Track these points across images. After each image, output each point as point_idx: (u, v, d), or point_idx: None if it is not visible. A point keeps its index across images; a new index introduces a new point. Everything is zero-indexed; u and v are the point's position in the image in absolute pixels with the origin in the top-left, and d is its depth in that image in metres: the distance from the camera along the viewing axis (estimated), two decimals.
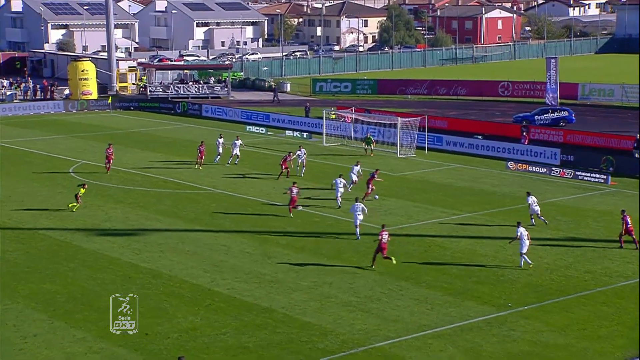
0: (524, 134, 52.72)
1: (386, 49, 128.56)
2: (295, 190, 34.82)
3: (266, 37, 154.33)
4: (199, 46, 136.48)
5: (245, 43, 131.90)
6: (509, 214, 35.85)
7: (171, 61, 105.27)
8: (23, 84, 77.30)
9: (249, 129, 59.51)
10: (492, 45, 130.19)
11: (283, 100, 78.52)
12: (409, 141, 50.52)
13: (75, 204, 35.38)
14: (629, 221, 30.21)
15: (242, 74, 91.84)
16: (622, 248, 30.24)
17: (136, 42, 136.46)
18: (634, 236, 30.21)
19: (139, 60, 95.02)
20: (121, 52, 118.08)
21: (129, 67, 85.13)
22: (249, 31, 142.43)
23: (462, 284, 26.86)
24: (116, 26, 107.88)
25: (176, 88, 77.48)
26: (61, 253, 29.87)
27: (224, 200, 37.95)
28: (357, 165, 39.93)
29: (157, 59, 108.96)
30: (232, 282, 26.90)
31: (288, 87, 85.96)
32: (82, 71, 74.27)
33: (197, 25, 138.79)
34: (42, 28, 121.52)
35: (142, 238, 31.87)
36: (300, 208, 35.26)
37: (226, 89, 78.33)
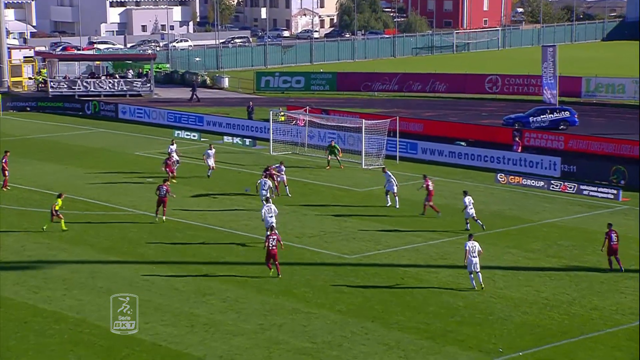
0: (517, 139, 53.54)
1: (347, 35, 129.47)
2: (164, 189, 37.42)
3: (198, 20, 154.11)
4: (113, 31, 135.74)
5: (172, 27, 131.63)
6: (500, 238, 36.31)
7: (78, 50, 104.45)
8: None
9: (178, 133, 59.30)
10: (477, 31, 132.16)
11: (218, 99, 78.47)
12: (376, 149, 50.88)
13: (53, 221, 35.58)
14: (614, 238, 31.28)
15: (168, 66, 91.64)
16: (611, 270, 31.32)
17: (33, 27, 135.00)
18: (617, 257, 31.36)
19: (37, 48, 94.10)
20: (14, 38, 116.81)
21: (25, 57, 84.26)
22: (177, 12, 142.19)
23: (442, 325, 27.08)
24: (7, 5, 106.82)
25: (85, 84, 76.88)
26: None
27: (147, 224, 37.69)
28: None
29: (61, 48, 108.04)
30: (157, 326, 26.71)
31: (226, 82, 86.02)
32: None
33: (111, 5, 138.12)
34: None
35: (42, 272, 31.45)
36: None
37: (148, 85, 78.03)
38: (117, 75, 79.70)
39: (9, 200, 41.21)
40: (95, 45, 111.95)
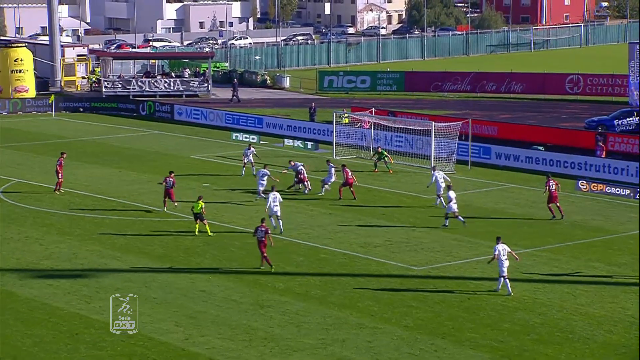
0: (600, 144, 52.79)
1: (416, 32, 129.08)
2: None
3: (258, 16, 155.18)
4: (170, 28, 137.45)
5: (230, 24, 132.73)
6: (582, 250, 35.80)
7: (133, 48, 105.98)
8: None
9: (236, 136, 59.76)
10: (557, 27, 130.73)
11: (279, 99, 78.85)
12: (447, 153, 50.61)
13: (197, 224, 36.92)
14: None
15: (226, 64, 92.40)
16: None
17: (87, 23, 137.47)
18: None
19: (90, 46, 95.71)
20: (67, 35, 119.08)
21: (78, 55, 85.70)
22: (236, 8, 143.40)
23: (518, 343, 26.78)
24: (61, 2, 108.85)
25: (140, 83, 77.95)
26: None
27: (203, 232, 37.98)
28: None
29: (115, 45, 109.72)
30: (213, 339, 26.90)
31: (287, 81, 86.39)
32: (16, 61, 74.81)
33: (168, 1, 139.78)
34: None
35: (94, 281, 31.92)
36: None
37: (206, 85, 78.76)
38: (173, 75, 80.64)
39: (60, 206, 41.93)
40: (150, 43, 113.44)
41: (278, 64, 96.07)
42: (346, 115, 59.43)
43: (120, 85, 77.39)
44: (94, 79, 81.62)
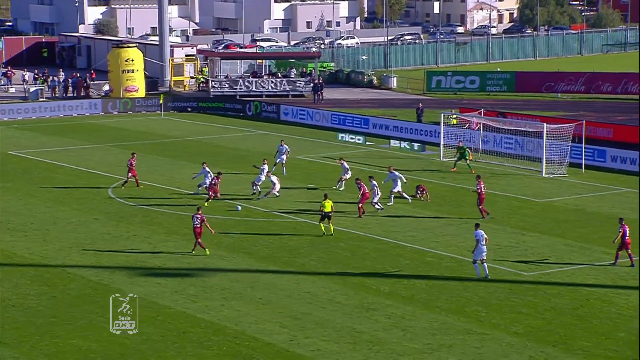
0: None
1: (528, 31, 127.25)
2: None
3: (366, 15, 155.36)
4: (277, 28, 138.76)
5: (338, 24, 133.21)
6: None
7: (241, 48, 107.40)
8: (51, 78, 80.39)
9: (342, 137, 59.95)
10: None
11: (386, 99, 78.75)
12: (559, 156, 49.78)
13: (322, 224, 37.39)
14: (627, 231, 33.26)
15: (333, 64, 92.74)
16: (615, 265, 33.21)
17: (196, 23, 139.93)
18: (629, 251, 33.20)
19: (199, 46, 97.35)
20: (176, 35, 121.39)
21: (187, 55, 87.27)
22: (344, 8, 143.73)
23: (634, 354, 26.15)
24: (170, 2, 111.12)
25: (247, 83, 78.92)
26: (96, 299, 30.72)
27: (308, 232, 38.25)
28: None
29: (223, 45, 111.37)
30: (317, 341, 27.05)
31: (394, 82, 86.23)
32: (127, 61, 76.61)
33: (276, 1, 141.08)
34: (77, 5, 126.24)
35: (201, 281, 32.47)
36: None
37: (312, 85, 79.17)
38: (279, 75, 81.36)
39: (168, 205, 42.77)
40: (258, 43, 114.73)
41: (385, 64, 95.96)
42: (454, 116, 58.94)
43: (227, 85, 78.48)
44: (201, 79, 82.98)
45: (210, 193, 42.32)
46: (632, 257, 33.41)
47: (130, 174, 45.49)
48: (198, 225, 34.71)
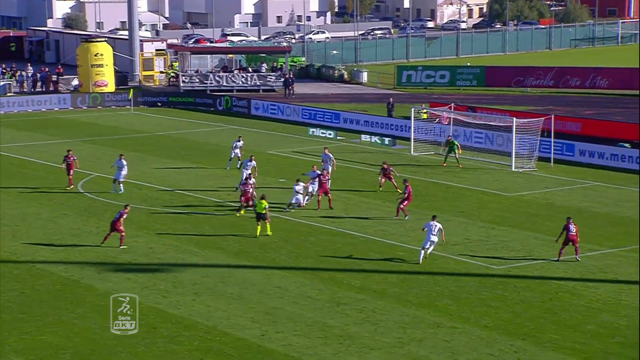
0: None
1: (498, 26, 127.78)
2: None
3: (336, 10, 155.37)
4: (247, 23, 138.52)
5: (308, 18, 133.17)
6: None
7: (211, 43, 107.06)
8: (19, 73, 79.72)
9: (312, 131, 59.95)
10: None
11: (356, 94, 78.81)
12: (528, 150, 50.05)
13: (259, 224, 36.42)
14: (572, 228, 33.46)
15: (304, 59, 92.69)
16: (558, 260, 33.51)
17: (166, 18, 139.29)
18: (576, 244, 33.45)
19: (169, 41, 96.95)
20: (146, 30, 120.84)
21: (157, 50, 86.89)
22: (314, 2, 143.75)
23: (602, 346, 26.36)
24: None
25: (217, 78, 78.71)
26: (66, 295, 30.56)
27: (280, 227, 38.24)
28: (250, 161, 43.50)
29: (193, 40, 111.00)
30: (289, 336, 27.05)
31: (365, 76, 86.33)
32: (96, 55, 76.22)
33: None
34: None
35: (172, 276, 32.36)
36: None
37: (282, 80, 79.06)
38: (250, 69, 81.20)
39: (138, 201, 42.59)
40: (228, 38, 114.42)
41: (356, 59, 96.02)
42: (425, 110, 59.13)
43: (197, 80, 78.24)
44: (172, 73, 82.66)
45: (242, 200, 39.50)
46: (577, 251, 33.46)
47: (66, 167, 44.29)
48: (117, 219, 34.94)
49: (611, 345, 26.34)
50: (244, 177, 41.51)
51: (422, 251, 33.30)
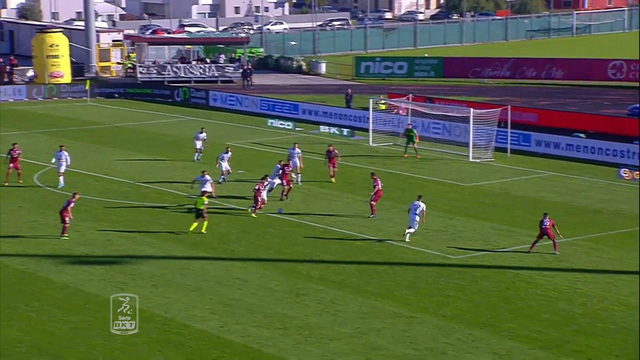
0: None
1: (455, 17, 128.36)
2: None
3: (294, 1, 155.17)
4: (205, 14, 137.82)
5: (266, 9, 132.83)
6: (624, 239, 35.49)
7: (169, 33, 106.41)
8: None
9: (271, 122, 59.87)
10: (600, 12, 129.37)
11: (315, 85, 78.82)
12: (485, 140, 50.38)
13: (195, 225, 35.68)
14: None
15: (262, 50, 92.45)
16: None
17: (122, 8, 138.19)
18: (553, 238, 33.37)
19: (126, 32, 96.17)
20: (102, 20, 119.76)
21: (113, 41, 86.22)
22: None
23: (558, 334, 26.65)
24: None
25: (175, 69, 78.28)
26: (22, 288, 30.27)
27: (239, 219, 38.16)
28: (226, 153, 43.54)
29: (151, 31, 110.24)
30: (248, 327, 27.04)
31: (323, 67, 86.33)
32: (51, 46, 75.44)
33: None
34: None
35: (130, 268, 32.17)
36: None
37: (241, 71, 78.83)
38: (208, 60, 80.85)
39: (95, 193, 42.27)
40: (185, 29, 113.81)
41: (314, 50, 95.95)
42: (383, 101, 59.28)
43: (155, 71, 77.77)
44: (129, 64, 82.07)
45: (258, 200, 37.83)
46: (556, 246, 33.47)
47: (12, 165, 43.39)
48: (65, 208, 34.93)
49: (567, 334, 26.63)
50: (223, 170, 41.68)
51: (408, 231, 34.55)
